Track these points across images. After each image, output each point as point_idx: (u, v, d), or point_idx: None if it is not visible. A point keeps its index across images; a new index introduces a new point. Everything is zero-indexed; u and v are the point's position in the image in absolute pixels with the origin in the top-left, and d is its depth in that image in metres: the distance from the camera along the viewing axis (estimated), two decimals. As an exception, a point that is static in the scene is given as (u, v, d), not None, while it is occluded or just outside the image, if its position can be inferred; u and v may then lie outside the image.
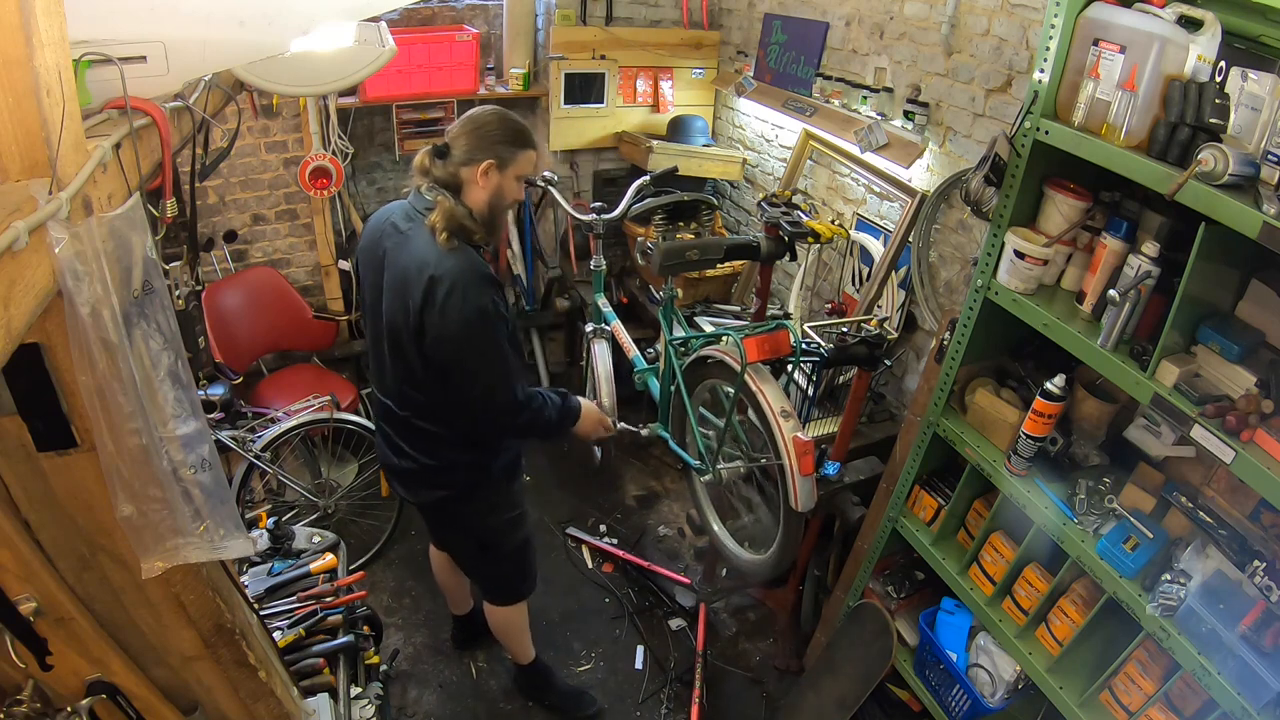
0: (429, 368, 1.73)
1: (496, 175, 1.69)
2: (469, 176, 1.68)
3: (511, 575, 2.24)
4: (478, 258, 1.68)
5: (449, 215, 1.64)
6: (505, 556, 2.16)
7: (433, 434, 1.87)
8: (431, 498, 2.02)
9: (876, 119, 2.64)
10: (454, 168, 1.68)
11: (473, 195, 1.70)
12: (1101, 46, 1.47)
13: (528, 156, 1.73)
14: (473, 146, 1.67)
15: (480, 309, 1.63)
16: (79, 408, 0.84)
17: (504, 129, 1.69)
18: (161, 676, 1.22)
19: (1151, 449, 1.73)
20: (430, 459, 1.92)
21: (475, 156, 1.67)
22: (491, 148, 1.67)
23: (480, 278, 1.65)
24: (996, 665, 2.02)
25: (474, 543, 2.14)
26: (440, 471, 1.94)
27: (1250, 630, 1.37)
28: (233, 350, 3.14)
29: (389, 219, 1.76)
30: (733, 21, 3.58)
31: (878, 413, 2.73)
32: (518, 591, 2.29)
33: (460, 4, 3.52)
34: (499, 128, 1.68)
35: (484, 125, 1.68)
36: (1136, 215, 1.60)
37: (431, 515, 2.18)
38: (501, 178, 1.70)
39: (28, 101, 0.69)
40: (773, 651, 2.79)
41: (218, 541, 0.98)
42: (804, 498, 1.85)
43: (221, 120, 1.51)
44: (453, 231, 1.64)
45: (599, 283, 2.64)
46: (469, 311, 1.62)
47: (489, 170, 1.68)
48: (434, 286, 1.61)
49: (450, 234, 1.64)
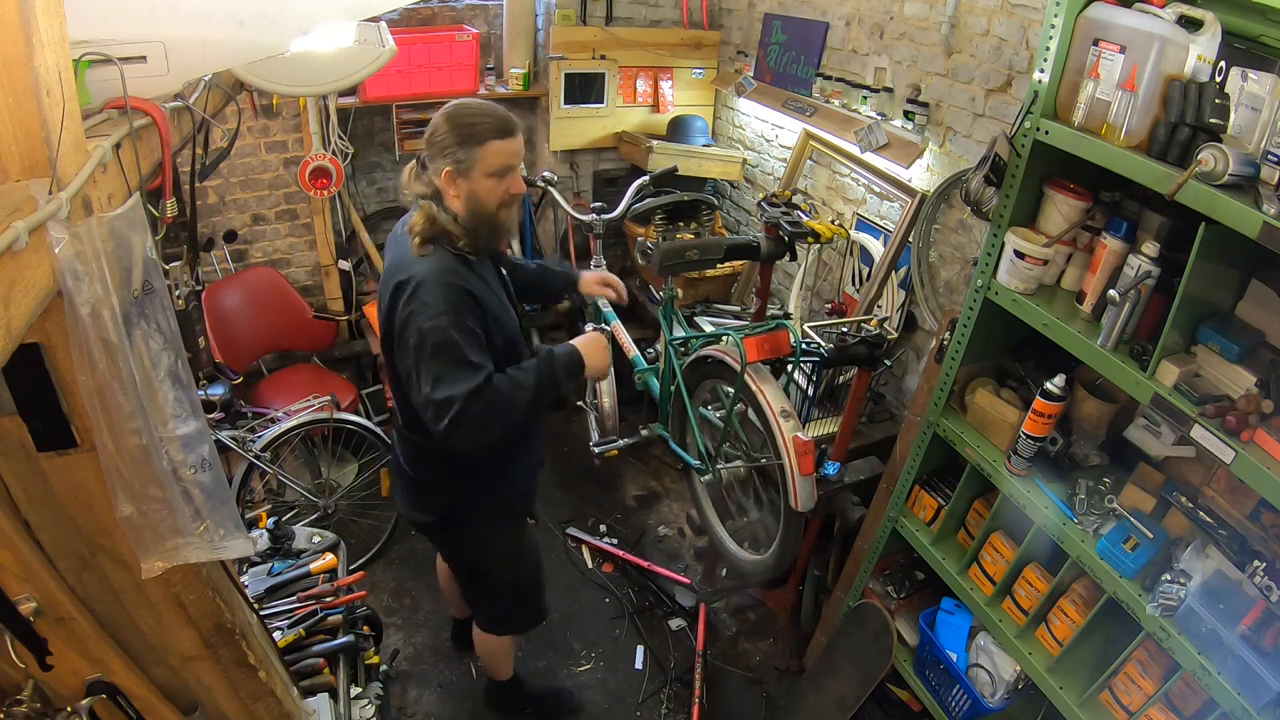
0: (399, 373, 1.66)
1: (462, 180, 1.58)
2: (442, 186, 1.60)
3: (503, 610, 2.16)
4: (450, 261, 1.59)
5: (428, 220, 1.59)
6: (495, 591, 2.09)
7: (417, 445, 1.82)
8: (420, 519, 1.94)
9: (876, 119, 2.64)
10: (429, 177, 1.61)
11: (452, 204, 1.62)
12: (1101, 46, 1.47)
13: (494, 150, 1.56)
14: (431, 155, 1.59)
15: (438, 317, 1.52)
16: (79, 408, 0.84)
17: (452, 131, 1.55)
18: (161, 676, 1.22)
19: (1151, 449, 1.73)
20: (416, 472, 1.88)
21: (436, 165, 1.58)
22: (444, 154, 1.56)
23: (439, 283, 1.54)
24: (996, 665, 2.02)
25: (462, 568, 2.11)
26: (427, 491, 1.89)
27: (1250, 630, 1.37)
28: (233, 350, 3.14)
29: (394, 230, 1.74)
30: (733, 21, 3.58)
31: (878, 413, 2.74)
32: (507, 627, 2.21)
33: (460, 4, 3.52)
34: (446, 131, 1.55)
35: (433, 132, 1.57)
36: (1136, 215, 1.60)
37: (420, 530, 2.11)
38: (469, 181, 1.58)
39: (28, 101, 0.69)
40: (773, 651, 2.79)
41: (218, 541, 0.98)
42: (804, 498, 1.85)
43: (221, 120, 1.51)
44: (429, 237, 1.59)
45: (598, 283, 2.64)
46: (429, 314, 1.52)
47: (450, 178, 1.57)
48: (399, 289, 1.56)
49: (425, 239, 1.58)
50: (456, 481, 1.87)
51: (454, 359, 1.53)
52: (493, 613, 2.18)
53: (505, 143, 1.57)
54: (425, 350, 1.52)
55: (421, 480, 1.89)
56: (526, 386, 1.61)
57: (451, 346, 1.53)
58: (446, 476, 1.87)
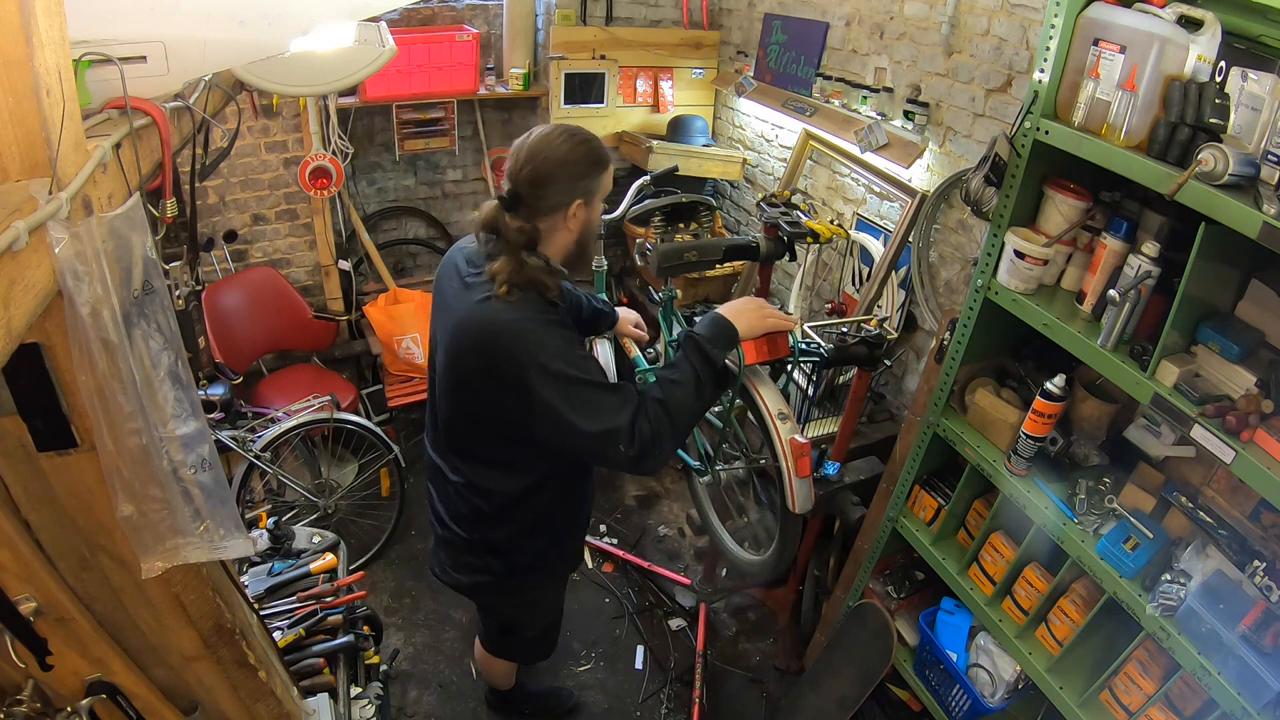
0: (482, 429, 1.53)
1: (584, 211, 1.46)
2: (552, 225, 1.45)
3: (520, 651, 2.18)
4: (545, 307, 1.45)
5: (517, 268, 1.42)
6: (528, 641, 2.09)
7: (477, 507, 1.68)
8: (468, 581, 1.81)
9: (876, 119, 2.64)
10: (531, 219, 1.44)
11: (557, 242, 1.48)
12: (1101, 46, 1.47)
13: (610, 174, 1.48)
14: (558, 191, 1.42)
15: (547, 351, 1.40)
16: (79, 408, 0.84)
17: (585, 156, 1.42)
18: (161, 676, 1.22)
19: (1151, 449, 1.73)
20: (471, 534, 1.73)
21: (563, 201, 1.43)
22: (577, 184, 1.43)
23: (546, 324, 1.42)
24: (996, 665, 2.02)
25: (495, 623, 2.08)
26: (483, 552, 1.75)
27: (1250, 630, 1.37)
28: (233, 350, 3.14)
29: (454, 260, 1.56)
30: (733, 21, 3.58)
31: (878, 413, 2.73)
32: (524, 659, 2.23)
33: (460, 4, 3.52)
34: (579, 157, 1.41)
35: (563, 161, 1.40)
36: (1136, 215, 1.60)
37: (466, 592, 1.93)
38: (589, 211, 1.48)
39: (28, 101, 0.69)
40: (773, 651, 2.79)
41: (218, 541, 0.97)
42: (801, 499, 1.85)
43: (221, 120, 1.51)
44: (519, 285, 1.42)
45: (599, 283, 2.64)
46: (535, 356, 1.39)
47: (578, 210, 1.45)
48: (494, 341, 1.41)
49: (514, 286, 1.42)
50: (522, 539, 1.74)
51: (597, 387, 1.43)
52: (509, 651, 2.19)
53: (612, 167, 1.50)
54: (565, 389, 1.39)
55: (479, 543, 1.75)
56: (683, 381, 1.48)
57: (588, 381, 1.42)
58: (510, 536, 1.73)
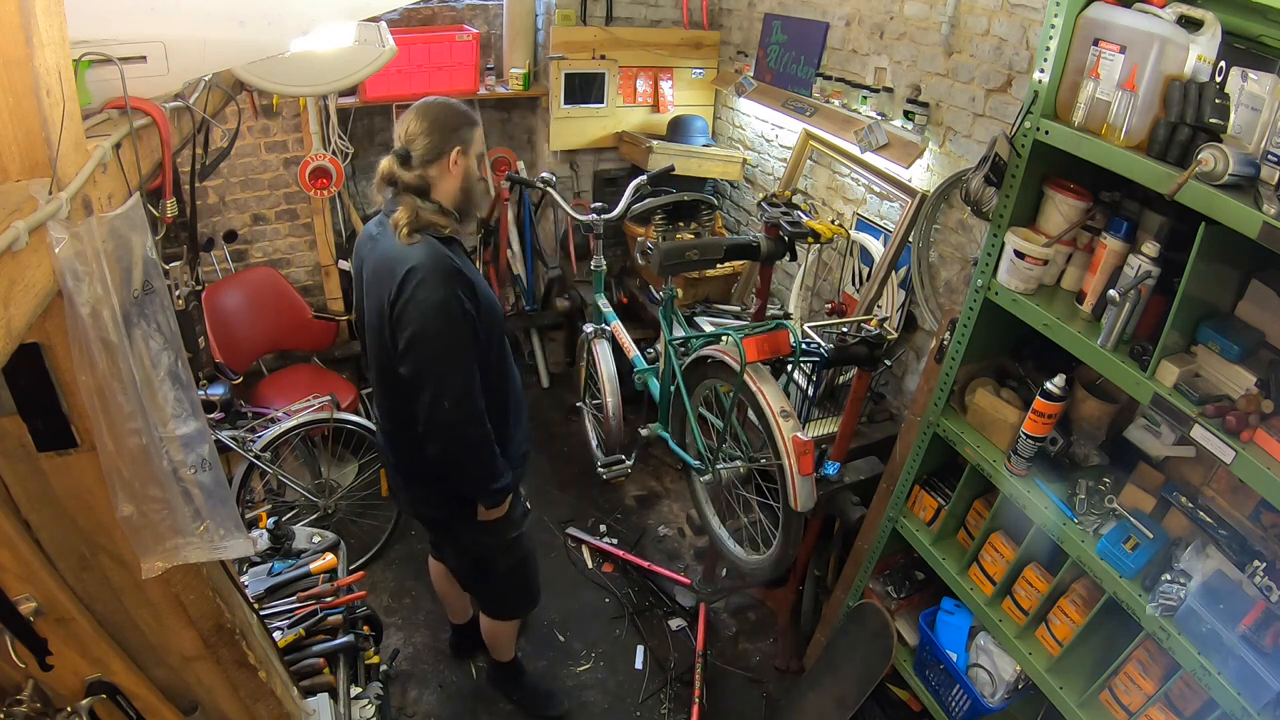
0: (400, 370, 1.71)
1: (463, 159, 1.74)
2: (438, 172, 1.72)
3: (508, 594, 2.24)
4: (443, 249, 1.69)
5: (413, 213, 1.68)
6: (501, 576, 2.15)
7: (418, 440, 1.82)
8: (429, 514, 2.03)
9: (876, 119, 2.64)
10: (420, 168, 1.70)
11: (445, 187, 1.74)
12: (1101, 46, 1.47)
13: (480, 133, 1.80)
14: (437, 141, 1.69)
15: (443, 301, 1.63)
16: (79, 408, 0.84)
17: (457, 113, 1.74)
18: (161, 676, 1.22)
19: (1151, 449, 1.73)
20: (413, 473, 1.93)
21: (443, 149, 1.70)
22: (454, 134, 1.71)
23: (445, 270, 1.65)
24: (996, 665, 2.02)
25: (468, 561, 2.16)
26: (426, 486, 1.94)
27: (1250, 630, 1.37)
28: (233, 350, 3.14)
29: (366, 233, 1.82)
30: (733, 21, 3.58)
31: (878, 413, 2.73)
32: (515, 610, 2.32)
33: (460, 4, 3.52)
34: (452, 113, 1.73)
35: (439, 116, 1.71)
36: (1136, 215, 1.60)
37: (427, 526, 2.21)
38: (467, 160, 1.75)
39: (28, 101, 0.69)
40: (773, 651, 2.79)
41: (218, 541, 0.97)
42: (803, 498, 1.85)
43: (221, 120, 1.51)
44: (417, 228, 1.68)
45: (599, 283, 2.64)
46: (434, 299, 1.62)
47: (457, 157, 1.72)
48: (407, 277, 1.63)
49: (413, 230, 1.67)
50: None
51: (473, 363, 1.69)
52: (498, 599, 2.26)
53: (480, 128, 1.82)
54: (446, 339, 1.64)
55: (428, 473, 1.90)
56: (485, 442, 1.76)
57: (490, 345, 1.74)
58: None
